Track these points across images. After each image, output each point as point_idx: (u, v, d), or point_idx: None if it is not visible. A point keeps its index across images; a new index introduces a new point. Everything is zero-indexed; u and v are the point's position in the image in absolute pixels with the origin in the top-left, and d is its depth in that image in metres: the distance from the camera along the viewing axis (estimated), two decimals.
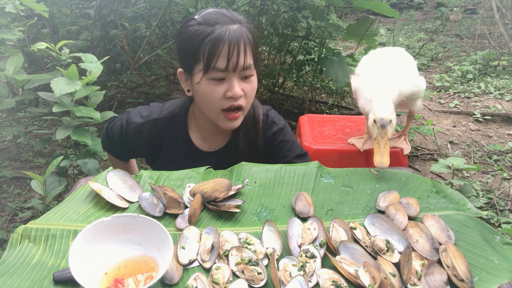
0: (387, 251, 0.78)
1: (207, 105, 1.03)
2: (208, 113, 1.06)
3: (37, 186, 1.56)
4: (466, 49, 5.94)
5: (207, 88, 0.99)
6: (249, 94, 1.02)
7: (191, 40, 0.98)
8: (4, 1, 1.58)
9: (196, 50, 0.97)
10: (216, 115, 1.04)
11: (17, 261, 0.73)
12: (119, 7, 3.11)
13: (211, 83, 0.98)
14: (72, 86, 1.40)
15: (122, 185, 0.92)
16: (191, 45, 0.98)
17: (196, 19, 0.99)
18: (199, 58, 0.97)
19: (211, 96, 0.99)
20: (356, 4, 2.66)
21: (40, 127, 3.23)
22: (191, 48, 0.98)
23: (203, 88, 1.00)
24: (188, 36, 0.98)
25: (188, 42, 0.98)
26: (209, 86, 0.99)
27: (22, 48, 2.21)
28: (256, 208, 0.90)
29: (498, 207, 2.34)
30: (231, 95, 0.99)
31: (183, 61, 1.04)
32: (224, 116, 1.03)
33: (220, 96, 0.99)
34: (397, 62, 1.43)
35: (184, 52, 1.02)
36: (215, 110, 1.02)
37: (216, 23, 0.96)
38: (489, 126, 3.59)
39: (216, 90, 0.98)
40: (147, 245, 0.75)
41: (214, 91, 0.99)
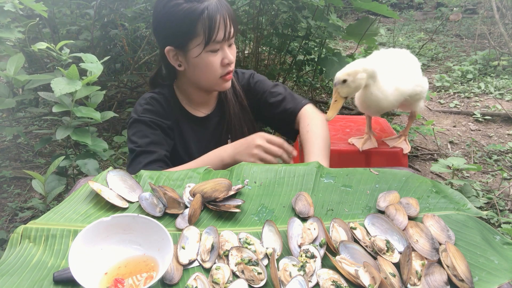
0: (387, 251, 0.78)
1: (207, 74, 1.13)
2: (206, 81, 1.16)
3: (38, 185, 1.57)
4: (466, 49, 5.94)
5: (207, 59, 1.10)
6: (234, 58, 1.16)
7: (185, 18, 1.06)
8: (3, 0, 1.58)
9: (193, 27, 1.05)
10: (215, 82, 1.16)
11: (17, 261, 0.73)
12: (119, 7, 3.11)
13: (209, 54, 1.09)
14: (73, 86, 1.40)
15: (122, 185, 0.92)
16: (186, 22, 1.06)
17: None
18: (196, 33, 1.06)
19: (211, 66, 1.11)
20: (356, 4, 2.66)
21: (40, 127, 3.24)
22: (186, 26, 1.06)
23: (203, 60, 1.10)
24: (181, 15, 1.06)
25: (182, 20, 1.06)
26: (208, 57, 1.10)
27: (22, 48, 2.21)
28: (256, 208, 0.90)
29: (498, 207, 2.34)
30: (228, 62, 1.12)
31: (174, 39, 1.11)
32: (222, 81, 1.16)
33: (218, 65, 1.12)
34: (400, 62, 1.43)
35: (176, 30, 1.09)
36: (214, 78, 1.14)
37: (204, 0, 1.06)
38: (489, 126, 3.59)
39: (214, 60, 1.10)
40: (147, 245, 0.75)
41: (213, 61, 1.10)
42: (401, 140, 1.64)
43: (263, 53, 3.87)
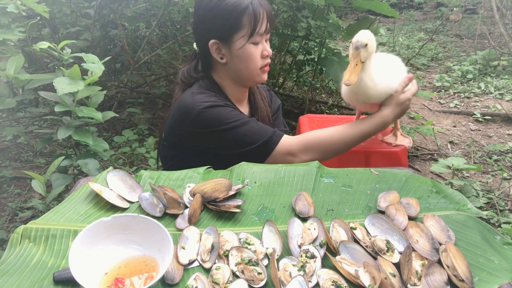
0: (387, 251, 0.78)
1: (249, 65, 1.18)
2: (248, 72, 1.20)
3: (37, 186, 1.56)
4: (466, 49, 5.94)
5: (250, 50, 1.16)
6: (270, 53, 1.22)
7: (232, 10, 1.12)
8: (5, 1, 1.58)
9: (238, 19, 1.12)
10: (255, 73, 1.20)
11: (17, 261, 0.73)
12: (119, 7, 3.11)
13: (251, 46, 1.16)
14: (75, 86, 1.40)
15: (122, 185, 0.92)
16: (232, 15, 1.12)
17: None
18: (242, 26, 1.12)
19: (253, 57, 1.17)
20: (356, 4, 2.66)
21: (40, 127, 3.24)
22: (232, 18, 1.12)
23: (246, 52, 1.16)
24: (229, 8, 1.12)
25: (229, 12, 1.12)
26: (251, 49, 1.16)
27: (23, 48, 2.21)
28: (256, 208, 0.90)
29: (498, 207, 2.34)
30: (267, 54, 1.19)
31: (219, 31, 1.15)
32: (261, 72, 1.21)
33: (259, 56, 1.18)
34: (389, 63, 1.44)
35: (223, 23, 1.14)
36: (255, 69, 1.19)
37: None
38: (489, 126, 3.59)
39: (256, 52, 1.17)
40: (147, 245, 0.75)
41: (255, 53, 1.17)
42: (398, 136, 1.64)
43: None
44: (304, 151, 1.15)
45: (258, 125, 1.18)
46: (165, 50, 3.60)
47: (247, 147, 1.13)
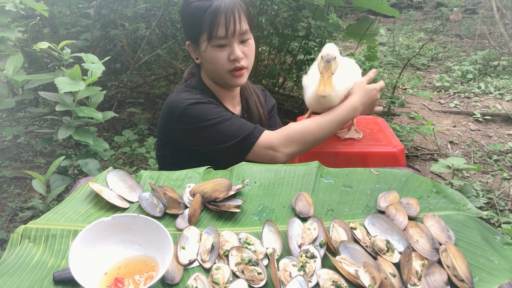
0: (387, 251, 0.78)
1: (215, 68, 1.18)
2: (217, 75, 1.20)
3: (38, 185, 1.56)
4: (466, 49, 5.94)
5: (213, 54, 1.15)
6: (249, 55, 1.19)
7: (194, 14, 1.13)
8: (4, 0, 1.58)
9: (200, 23, 1.12)
10: (224, 76, 1.19)
11: (17, 261, 0.73)
12: (119, 7, 3.11)
13: (215, 49, 1.14)
14: (76, 86, 1.40)
15: (122, 185, 0.92)
16: (194, 19, 1.13)
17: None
18: (203, 29, 1.12)
19: (217, 61, 1.15)
20: (356, 3, 2.66)
21: (40, 127, 3.24)
22: (195, 21, 1.14)
23: (209, 55, 1.15)
24: (191, 12, 1.14)
25: (192, 16, 1.14)
26: (214, 52, 1.14)
27: (23, 48, 2.21)
28: (256, 208, 0.90)
29: (498, 207, 2.34)
30: (234, 58, 1.14)
31: (189, 34, 1.20)
32: (231, 75, 1.18)
33: (225, 59, 1.15)
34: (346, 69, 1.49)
35: (189, 26, 1.18)
36: (223, 72, 1.17)
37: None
38: (489, 126, 3.59)
39: (220, 55, 1.14)
40: (147, 245, 0.75)
41: (219, 56, 1.15)
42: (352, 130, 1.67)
43: (263, 53, 3.87)
44: (285, 144, 1.16)
45: (240, 121, 1.18)
46: (165, 50, 3.60)
47: (228, 142, 1.13)
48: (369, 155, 1.58)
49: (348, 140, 1.65)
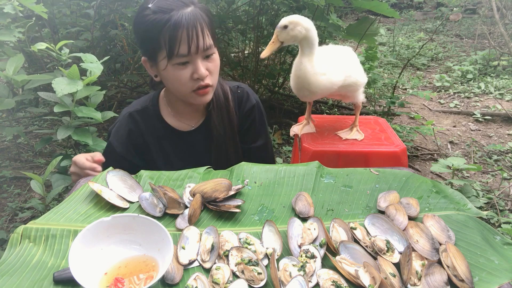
0: (387, 251, 0.78)
1: (177, 88, 1.09)
2: (179, 94, 1.12)
3: (36, 186, 1.56)
4: (466, 49, 5.94)
5: (174, 73, 1.04)
6: (214, 71, 1.09)
7: (150, 30, 1.01)
8: (3, 2, 1.58)
9: (157, 39, 1.00)
10: (187, 95, 1.10)
11: (17, 261, 0.73)
12: (119, 7, 3.10)
13: (176, 68, 1.03)
14: (74, 86, 1.40)
15: (122, 185, 0.92)
16: (150, 34, 1.01)
17: (151, 8, 1.01)
18: (161, 46, 1.01)
19: (179, 80, 1.05)
20: (356, 4, 2.66)
21: (40, 127, 3.24)
22: (151, 38, 1.01)
23: (170, 74, 1.05)
24: (146, 26, 1.01)
25: (148, 31, 1.02)
26: (175, 71, 1.04)
27: (22, 48, 2.21)
28: (256, 208, 0.90)
29: (498, 207, 2.34)
30: (198, 77, 1.04)
31: (145, 50, 1.08)
32: (195, 95, 1.09)
33: (188, 78, 1.05)
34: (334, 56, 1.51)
35: (144, 42, 1.06)
36: (186, 92, 1.08)
37: (171, 10, 0.99)
38: (489, 126, 3.59)
39: (182, 74, 1.04)
40: (147, 245, 0.75)
41: (181, 75, 1.04)
42: (354, 131, 1.68)
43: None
44: None
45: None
46: None
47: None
48: (371, 155, 1.58)
49: (350, 140, 1.66)
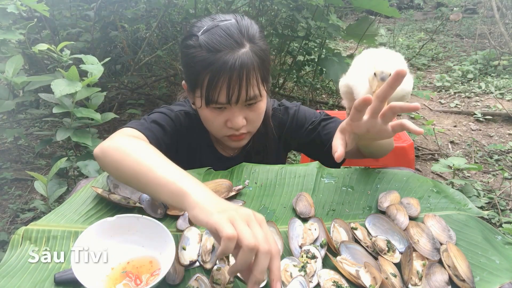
0: (388, 251, 0.78)
1: (210, 128, 1.00)
2: (213, 133, 1.03)
3: (40, 187, 1.56)
4: (466, 49, 5.94)
5: (208, 115, 0.95)
6: (254, 120, 0.98)
7: (192, 64, 0.91)
8: (5, 2, 1.58)
9: (197, 77, 0.91)
10: (221, 137, 1.02)
11: (18, 262, 0.73)
12: (119, 9, 3.11)
13: (212, 111, 0.94)
14: (73, 87, 1.40)
15: (123, 187, 0.92)
16: (192, 69, 0.92)
17: (199, 39, 0.90)
18: (199, 85, 0.91)
19: (212, 123, 0.97)
20: (356, 4, 2.66)
21: (40, 128, 3.24)
22: (192, 72, 0.92)
23: (204, 114, 0.96)
24: (189, 59, 0.92)
25: (189, 65, 0.92)
26: (210, 113, 0.94)
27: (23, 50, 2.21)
28: (257, 208, 0.90)
29: (499, 207, 2.34)
30: (231, 126, 0.95)
31: (186, 76, 0.98)
32: (228, 139, 1.00)
33: (221, 124, 0.96)
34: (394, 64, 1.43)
35: (186, 72, 0.97)
36: (218, 134, 1.01)
37: (220, 50, 0.87)
38: (489, 125, 3.59)
39: (217, 118, 0.94)
40: (150, 246, 0.75)
41: (215, 119, 0.95)
42: None
43: None
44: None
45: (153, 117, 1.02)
46: (166, 51, 3.61)
47: None
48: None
49: None
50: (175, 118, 1.05)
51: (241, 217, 0.59)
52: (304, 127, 1.13)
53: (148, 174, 0.72)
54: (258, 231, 0.59)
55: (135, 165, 0.75)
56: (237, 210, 0.62)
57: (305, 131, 1.13)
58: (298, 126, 1.14)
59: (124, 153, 0.78)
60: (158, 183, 0.70)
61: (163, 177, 0.70)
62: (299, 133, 1.14)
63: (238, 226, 0.58)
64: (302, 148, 1.20)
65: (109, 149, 0.81)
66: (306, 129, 1.12)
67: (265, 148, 1.15)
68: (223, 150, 1.15)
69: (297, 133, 1.14)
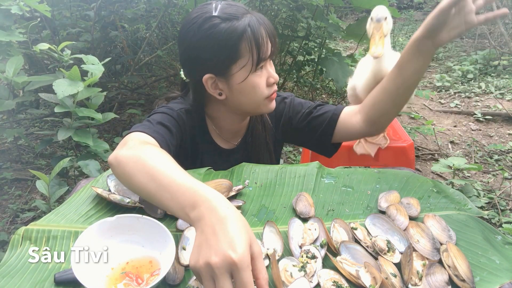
0: (388, 251, 0.78)
1: (253, 98, 1.02)
2: (252, 105, 1.04)
3: (42, 186, 1.56)
4: (466, 49, 5.94)
5: (253, 81, 0.98)
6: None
7: (227, 38, 0.93)
8: (8, 3, 1.59)
9: (237, 48, 0.93)
10: (260, 104, 1.04)
11: (18, 262, 0.73)
12: (119, 9, 3.11)
13: (255, 76, 0.98)
14: (75, 88, 1.40)
15: (122, 188, 0.92)
16: (230, 43, 0.93)
17: (218, 16, 0.94)
18: (240, 55, 0.94)
19: (258, 88, 1.00)
20: (356, 3, 2.66)
21: (41, 128, 3.24)
22: (229, 48, 0.94)
23: (249, 84, 0.98)
24: (222, 35, 0.93)
25: (224, 41, 0.93)
26: (254, 79, 0.98)
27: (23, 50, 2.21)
28: (257, 208, 0.90)
29: (499, 207, 2.34)
30: (274, 81, 1.02)
31: (214, 65, 0.97)
32: (267, 101, 1.04)
33: (265, 85, 1.01)
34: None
35: (216, 55, 0.95)
36: (261, 100, 1.03)
37: (241, 15, 0.94)
38: (489, 125, 3.59)
39: (261, 81, 0.99)
40: (150, 246, 0.75)
41: (260, 83, 0.99)
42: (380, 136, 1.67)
43: None
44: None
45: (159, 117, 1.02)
46: (166, 51, 3.61)
47: None
48: (380, 150, 1.59)
49: None
50: (177, 117, 1.05)
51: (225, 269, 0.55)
52: (301, 112, 1.17)
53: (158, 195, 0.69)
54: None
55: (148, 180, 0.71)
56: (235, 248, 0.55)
57: (301, 115, 1.17)
58: (295, 112, 1.18)
59: (136, 165, 0.75)
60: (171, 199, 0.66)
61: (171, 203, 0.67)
62: (296, 119, 1.18)
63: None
64: (298, 135, 1.22)
65: (123, 158, 0.78)
66: (303, 113, 1.16)
67: (263, 138, 1.18)
68: (223, 143, 1.17)
69: (295, 119, 1.18)
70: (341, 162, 1.03)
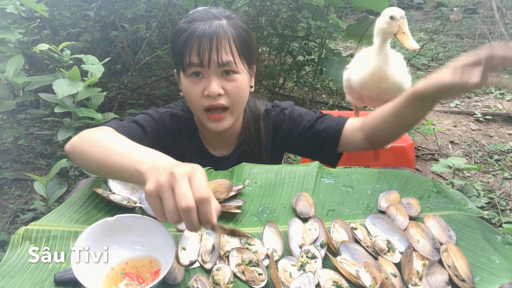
0: (388, 251, 0.78)
1: (191, 105, 1.03)
2: (196, 114, 1.05)
3: (39, 188, 1.56)
4: (466, 49, 5.93)
5: (188, 86, 0.99)
6: (232, 93, 0.98)
7: (173, 38, 1.00)
8: (4, 2, 1.58)
9: (179, 49, 0.98)
10: (200, 116, 1.03)
11: (18, 262, 0.73)
12: (119, 9, 3.11)
13: (191, 81, 0.98)
14: (75, 88, 1.40)
15: (123, 188, 0.92)
16: (174, 43, 1.00)
17: (186, 18, 1.00)
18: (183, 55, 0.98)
19: (191, 95, 0.99)
20: (356, 3, 2.66)
21: (41, 128, 3.24)
22: (174, 46, 1.00)
23: (185, 87, 1.00)
24: (172, 36, 1.01)
25: (172, 41, 1.01)
26: (189, 84, 0.98)
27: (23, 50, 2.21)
28: (257, 208, 0.90)
29: (499, 207, 2.34)
30: (208, 93, 0.96)
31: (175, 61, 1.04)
32: (206, 117, 1.01)
33: (199, 94, 0.98)
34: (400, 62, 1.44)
35: (172, 51, 1.03)
36: (198, 110, 1.01)
37: (198, 21, 0.96)
38: (490, 125, 3.59)
39: (195, 88, 0.98)
40: (150, 246, 0.75)
41: (193, 89, 0.98)
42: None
43: (263, 53, 3.88)
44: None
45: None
46: (166, 51, 3.61)
47: None
48: (380, 149, 1.59)
49: None
50: (159, 119, 1.08)
51: (168, 181, 0.61)
52: (301, 124, 1.15)
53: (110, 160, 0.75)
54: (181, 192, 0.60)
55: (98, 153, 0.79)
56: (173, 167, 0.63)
57: (302, 128, 1.14)
58: (295, 124, 1.16)
59: (89, 143, 0.83)
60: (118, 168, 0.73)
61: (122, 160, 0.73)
62: (297, 131, 1.15)
63: (163, 199, 0.61)
64: (299, 147, 1.20)
65: (76, 142, 0.86)
66: (304, 126, 1.14)
67: (258, 149, 1.16)
68: (214, 150, 1.16)
69: (295, 131, 1.16)
70: (341, 162, 1.03)
